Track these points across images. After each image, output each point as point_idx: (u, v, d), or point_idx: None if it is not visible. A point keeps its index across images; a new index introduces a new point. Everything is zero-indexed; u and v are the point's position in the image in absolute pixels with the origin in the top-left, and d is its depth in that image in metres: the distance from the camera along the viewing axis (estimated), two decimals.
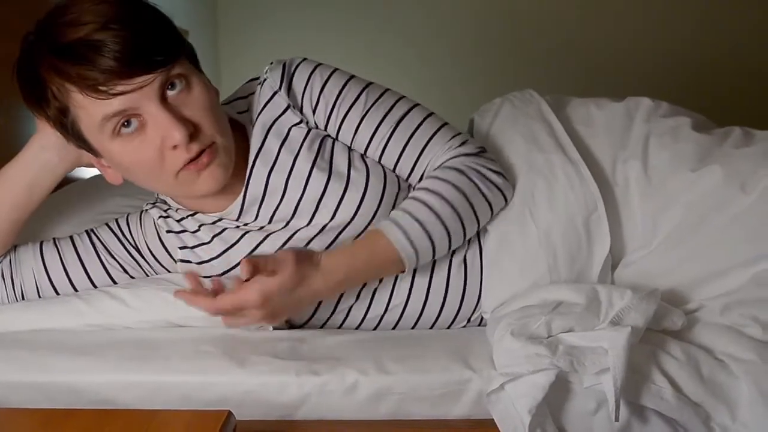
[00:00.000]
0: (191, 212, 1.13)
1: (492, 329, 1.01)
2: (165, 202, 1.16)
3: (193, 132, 0.96)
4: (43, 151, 1.07)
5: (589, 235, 1.10)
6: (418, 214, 1.03)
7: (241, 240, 1.11)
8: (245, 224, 1.11)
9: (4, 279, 1.12)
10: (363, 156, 1.11)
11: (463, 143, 1.10)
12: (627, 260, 1.11)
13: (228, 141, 1.02)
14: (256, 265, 0.95)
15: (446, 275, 1.11)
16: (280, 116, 1.11)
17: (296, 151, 1.09)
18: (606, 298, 0.98)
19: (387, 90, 1.13)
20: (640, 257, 1.09)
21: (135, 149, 0.97)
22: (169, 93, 0.96)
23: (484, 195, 1.07)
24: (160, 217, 1.14)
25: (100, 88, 0.91)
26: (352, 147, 1.12)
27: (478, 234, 1.13)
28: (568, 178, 1.12)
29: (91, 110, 0.94)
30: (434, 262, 1.11)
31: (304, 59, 1.13)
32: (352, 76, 1.13)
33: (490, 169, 1.09)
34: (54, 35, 0.93)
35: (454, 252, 1.12)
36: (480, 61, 3.25)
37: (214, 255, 1.12)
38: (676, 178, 1.11)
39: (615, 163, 1.16)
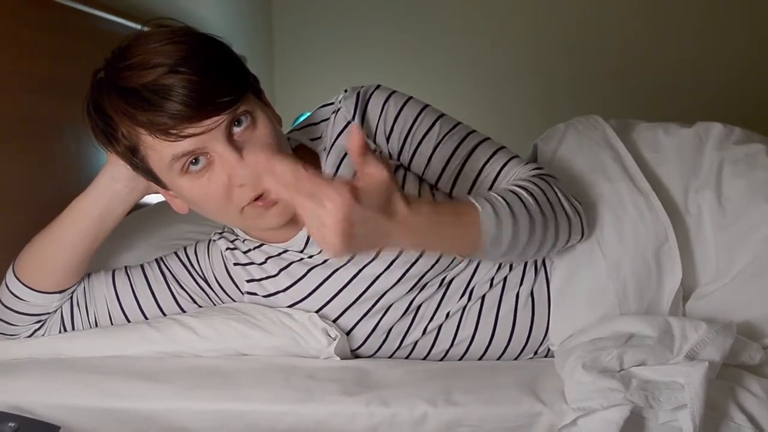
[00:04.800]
0: (258, 244, 1.14)
1: (561, 362, 1.00)
2: (232, 232, 1.18)
3: None
4: (114, 182, 1.08)
5: (660, 266, 1.08)
6: (506, 196, 0.95)
7: (307, 275, 1.12)
8: (310, 256, 1.12)
9: (79, 306, 1.15)
10: (433, 188, 1.11)
11: (537, 169, 1.07)
12: (700, 292, 1.09)
13: None
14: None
15: (513, 309, 1.10)
16: None
17: None
18: (679, 330, 0.97)
19: (459, 123, 1.13)
20: (715, 290, 1.07)
21: (203, 186, 0.98)
22: (235, 129, 0.96)
23: (565, 211, 1.02)
24: (227, 249, 1.15)
25: (171, 131, 0.92)
26: (423, 177, 1.11)
27: (545, 266, 1.12)
28: (637, 208, 1.10)
29: (160, 151, 0.95)
30: (501, 296, 1.10)
31: (378, 87, 1.13)
32: (426, 106, 1.13)
33: (571, 196, 1.05)
34: (123, 79, 0.93)
35: (521, 284, 1.11)
36: (539, 85, 3.23)
37: (281, 288, 1.13)
38: (753, 208, 1.08)
39: (687, 192, 1.14)
